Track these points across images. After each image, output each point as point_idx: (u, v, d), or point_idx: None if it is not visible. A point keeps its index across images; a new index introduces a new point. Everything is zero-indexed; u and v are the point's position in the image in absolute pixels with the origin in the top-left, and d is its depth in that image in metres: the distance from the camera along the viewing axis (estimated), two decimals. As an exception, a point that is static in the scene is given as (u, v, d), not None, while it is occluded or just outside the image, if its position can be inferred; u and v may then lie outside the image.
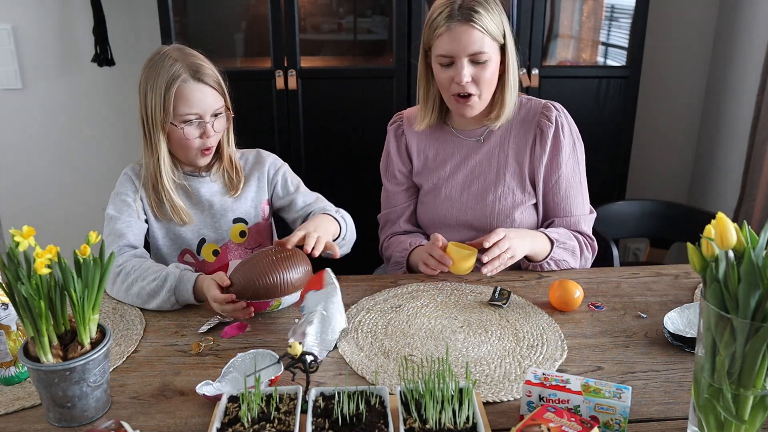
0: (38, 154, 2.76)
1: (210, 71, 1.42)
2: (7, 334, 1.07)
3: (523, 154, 1.54)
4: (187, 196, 1.51)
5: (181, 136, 1.41)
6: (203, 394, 1.01)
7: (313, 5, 2.47)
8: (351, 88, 2.37)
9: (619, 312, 1.31)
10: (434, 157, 1.61)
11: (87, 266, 0.97)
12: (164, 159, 1.44)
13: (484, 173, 1.56)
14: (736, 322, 0.81)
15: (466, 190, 1.57)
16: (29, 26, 2.58)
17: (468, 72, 1.43)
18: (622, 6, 2.42)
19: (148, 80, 1.40)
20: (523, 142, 1.54)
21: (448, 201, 1.59)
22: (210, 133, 1.42)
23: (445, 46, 1.43)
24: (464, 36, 1.41)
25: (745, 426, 0.84)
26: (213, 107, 1.42)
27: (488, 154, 1.56)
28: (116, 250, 1.40)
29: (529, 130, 1.54)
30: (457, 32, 1.41)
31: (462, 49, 1.42)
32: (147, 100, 1.40)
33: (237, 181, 1.53)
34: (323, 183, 2.42)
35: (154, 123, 1.40)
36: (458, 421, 0.89)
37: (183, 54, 1.42)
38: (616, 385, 0.96)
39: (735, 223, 0.82)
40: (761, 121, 2.20)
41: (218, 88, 1.43)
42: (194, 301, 1.33)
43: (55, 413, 0.98)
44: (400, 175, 1.66)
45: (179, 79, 1.37)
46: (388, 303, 1.35)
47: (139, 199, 1.47)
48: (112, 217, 1.45)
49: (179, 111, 1.39)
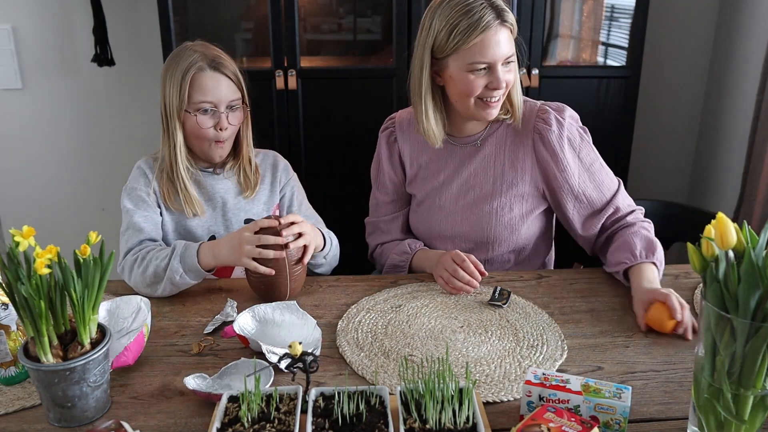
0: (38, 154, 2.76)
1: (228, 63, 1.45)
2: (7, 334, 1.07)
3: (522, 163, 1.47)
4: (200, 191, 1.52)
5: (195, 125, 1.42)
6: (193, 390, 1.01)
7: (313, 5, 2.47)
8: (351, 88, 2.37)
9: (619, 312, 1.31)
10: (427, 165, 1.54)
11: (87, 266, 0.97)
12: (180, 148, 1.45)
13: (479, 183, 1.50)
14: (736, 322, 0.81)
15: (461, 199, 1.51)
16: (29, 26, 2.58)
17: (504, 76, 1.36)
18: (622, 6, 2.42)
19: (168, 70, 1.43)
20: (519, 150, 1.47)
21: (442, 212, 1.53)
22: (224, 124, 1.43)
23: (482, 54, 1.33)
24: (502, 41, 1.33)
25: (745, 426, 0.84)
26: (228, 98, 1.43)
27: (483, 162, 1.49)
28: (137, 243, 1.42)
29: (525, 137, 1.47)
30: (496, 37, 1.33)
31: (501, 55, 1.34)
32: (166, 88, 1.43)
33: (254, 182, 1.54)
34: (323, 183, 2.42)
35: (171, 112, 1.43)
36: (458, 421, 0.89)
37: (204, 47, 1.46)
38: (616, 385, 0.96)
39: (735, 223, 0.82)
40: (761, 121, 2.20)
41: (235, 80, 1.45)
42: (199, 267, 1.33)
43: (55, 413, 0.98)
44: (391, 184, 1.60)
45: (195, 66, 1.40)
46: (388, 303, 1.35)
47: (152, 191, 1.48)
48: (129, 210, 1.46)
49: (194, 98, 1.41)
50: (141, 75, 2.65)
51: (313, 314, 1.26)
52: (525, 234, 1.52)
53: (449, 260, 1.38)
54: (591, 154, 1.48)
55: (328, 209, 1.72)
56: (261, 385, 0.97)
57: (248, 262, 1.29)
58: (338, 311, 1.32)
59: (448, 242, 1.55)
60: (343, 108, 2.38)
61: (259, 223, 1.31)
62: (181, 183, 1.46)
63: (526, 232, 1.52)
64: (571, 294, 1.39)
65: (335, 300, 1.37)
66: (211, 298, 1.38)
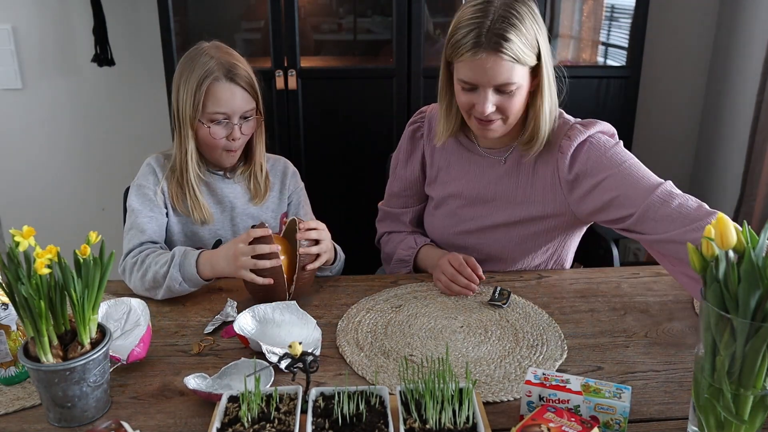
0: (38, 154, 2.76)
1: (244, 72, 1.41)
2: (7, 334, 1.07)
3: (543, 181, 1.39)
4: (210, 194, 1.51)
5: (207, 135, 1.41)
6: (193, 390, 1.01)
7: (313, 5, 2.48)
8: (351, 88, 2.37)
9: (619, 312, 1.31)
10: (448, 169, 1.49)
11: (87, 266, 0.97)
12: (191, 154, 1.44)
13: (498, 198, 1.43)
14: (736, 322, 0.81)
15: (478, 213, 1.45)
16: (29, 26, 2.59)
17: (492, 102, 1.27)
18: (622, 6, 2.42)
19: (182, 74, 1.41)
20: (545, 170, 1.38)
21: (457, 221, 1.48)
22: (236, 135, 1.42)
23: (468, 74, 1.27)
24: (491, 68, 1.24)
25: (745, 426, 0.84)
26: (242, 109, 1.41)
27: (505, 178, 1.41)
28: (138, 244, 1.41)
29: (551, 157, 1.37)
30: (483, 62, 1.23)
31: (487, 81, 1.25)
32: (179, 93, 1.41)
33: (264, 189, 1.53)
34: (323, 183, 2.43)
35: (184, 118, 1.41)
36: (458, 421, 0.89)
37: (219, 51, 1.42)
38: (616, 385, 0.95)
39: (735, 223, 0.82)
40: (761, 121, 2.20)
41: (250, 90, 1.43)
42: (198, 276, 1.31)
43: (55, 413, 0.98)
44: (408, 180, 1.57)
45: (211, 77, 1.38)
46: (388, 303, 1.35)
47: (160, 191, 1.47)
48: (135, 209, 1.44)
49: (208, 109, 1.39)
50: (141, 75, 2.65)
51: (313, 314, 1.26)
52: (541, 257, 1.49)
53: (447, 264, 1.38)
54: (622, 154, 1.33)
55: (328, 209, 1.72)
56: (261, 385, 0.97)
57: (245, 274, 1.27)
58: (338, 311, 1.32)
59: (460, 251, 1.46)
60: (343, 108, 2.38)
61: (252, 233, 1.28)
62: (190, 190, 1.45)
63: (542, 255, 1.49)
64: (571, 294, 1.39)
65: (335, 300, 1.37)
66: (211, 298, 1.38)
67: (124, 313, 1.21)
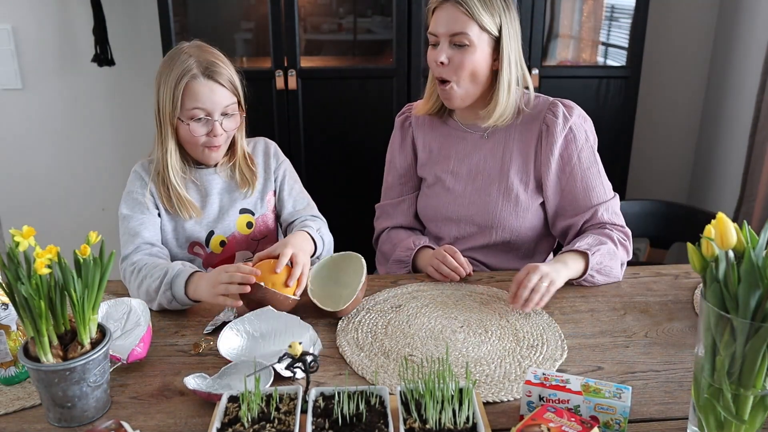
0: (38, 154, 2.76)
1: (224, 70, 1.42)
2: (7, 334, 1.07)
3: (528, 152, 1.51)
4: (196, 190, 1.51)
5: (188, 132, 1.41)
6: (193, 390, 1.01)
7: (313, 5, 2.48)
8: (351, 88, 2.37)
9: (619, 312, 1.31)
10: (438, 150, 1.60)
11: (87, 266, 0.97)
12: (171, 153, 1.44)
13: (488, 169, 1.54)
14: (736, 322, 0.81)
15: (470, 184, 1.56)
16: (29, 26, 2.59)
17: (446, 53, 1.43)
18: (622, 6, 2.43)
19: (162, 73, 1.41)
20: (528, 139, 1.51)
21: (451, 194, 1.57)
22: (218, 131, 1.42)
23: (432, 26, 1.45)
24: (448, 15, 1.42)
25: (745, 426, 0.84)
26: (222, 105, 1.41)
27: (492, 150, 1.54)
28: (133, 250, 1.41)
29: (533, 127, 1.51)
30: (443, 12, 1.43)
31: (444, 30, 1.42)
32: (159, 93, 1.41)
33: (251, 179, 1.54)
34: (323, 183, 2.43)
35: (164, 117, 1.41)
36: (458, 421, 0.89)
37: (199, 50, 1.42)
38: (616, 385, 0.96)
39: (735, 223, 0.82)
40: (761, 121, 2.20)
41: (230, 87, 1.43)
42: (185, 298, 1.29)
43: (55, 413, 0.98)
44: (402, 167, 1.65)
45: (189, 74, 1.38)
46: (388, 303, 1.35)
47: (149, 193, 1.47)
48: (126, 216, 1.45)
49: (187, 107, 1.39)
50: (141, 75, 2.65)
51: (313, 314, 1.26)
52: (527, 222, 1.54)
53: (440, 250, 1.47)
54: (591, 158, 1.50)
55: (327, 208, 1.72)
56: (261, 385, 0.97)
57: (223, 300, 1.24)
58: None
59: (453, 225, 1.58)
60: (343, 108, 2.38)
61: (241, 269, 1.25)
62: (173, 189, 1.46)
63: (530, 221, 1.54)
64: (571, 294, 1.38)
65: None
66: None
67: (124, 313, 1.21)
